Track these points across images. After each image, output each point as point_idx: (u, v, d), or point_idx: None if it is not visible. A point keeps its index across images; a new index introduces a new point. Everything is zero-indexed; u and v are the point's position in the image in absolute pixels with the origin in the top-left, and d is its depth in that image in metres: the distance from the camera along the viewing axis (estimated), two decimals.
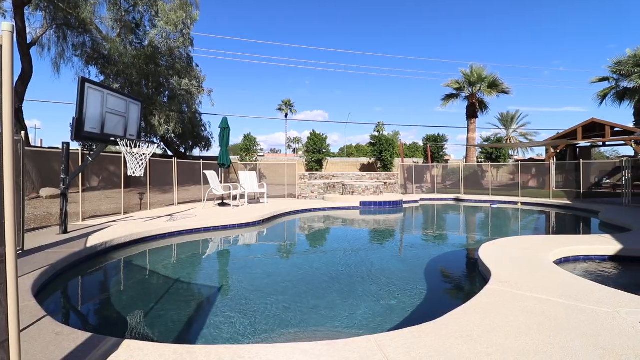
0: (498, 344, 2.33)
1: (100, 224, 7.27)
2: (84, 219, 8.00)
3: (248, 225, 8.49)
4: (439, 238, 8.18)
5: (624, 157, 15.73)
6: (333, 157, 39.24)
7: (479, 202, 15.59)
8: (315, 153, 25.59)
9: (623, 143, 16.64)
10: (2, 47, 1.34)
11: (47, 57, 15.44)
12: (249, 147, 27.46)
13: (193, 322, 3.32)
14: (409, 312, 3.54)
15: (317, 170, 24.75)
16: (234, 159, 21.60)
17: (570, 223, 10.85)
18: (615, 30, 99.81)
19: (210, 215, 8.95)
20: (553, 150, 17.95)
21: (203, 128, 23.21)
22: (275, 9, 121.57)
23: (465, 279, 5.09)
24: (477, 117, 24.43)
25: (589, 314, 2.80)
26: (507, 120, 37.11)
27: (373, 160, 29.80)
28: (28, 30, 13.25)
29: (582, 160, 14.55)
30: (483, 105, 25.05)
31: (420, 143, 36.34)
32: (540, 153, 35.88)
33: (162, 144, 22.48)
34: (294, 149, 52.30)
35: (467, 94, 24.47)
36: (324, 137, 26.22)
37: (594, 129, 16.76)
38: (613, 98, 21.03)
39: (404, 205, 13.98)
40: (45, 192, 12.30)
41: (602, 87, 21.50)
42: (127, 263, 5.51)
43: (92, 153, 7.09)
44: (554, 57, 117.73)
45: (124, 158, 7.25)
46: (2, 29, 1.34)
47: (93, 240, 5.60)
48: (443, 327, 2.59)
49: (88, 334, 2.46)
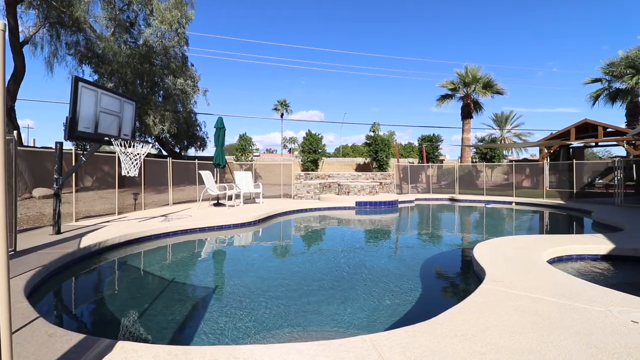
0: (492, 343, 2.34)
1: (94, 225, 7.20)
2: (78, 220, 7.92)
3: (243, 226, 8.46)
4: (434, 238, 8.22)
5: (616, 157, 15.91)
6: (329, 157, 39.21)
7: (474, 202, 15.69)
8: (311, 153, 25.61)
9: (615, 143, 16.83)
10: None
11: (40, 55, 15.22)
12: (245, 147, 27.39)
13: (187, 322, 3.30)
14: (404, 311, 3.55)
15: (312, 170, 24.77)
16: (230, 159, 21.50)
17: (564, 223, 10.95)
18: (609, 32, 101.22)
19: (206, 216, 8.91)
20: (547, 151, 18.12)
21: (198, 128, 23.08)
22: (272, 9, 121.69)
23: (460, 279, 5.12)
24: (471, 117, 24.61)
25: (582, 313, 2.83)
26: (501, 121, 37.43)
27: (368, 160, 29.89)
28: (21, 29, 13.10)
29: (575, 161, 14.70)
30: (478, 106, 25.25)
31: (416, 143, 36.53)
32: (534, 153, 36.24)
33: (156, 144, 22.33)
34: (290, 149, 52.24)
35: (462, 95, 24.63)
36: (320, 137, 26.25)
37: (587, 130, 16.96)
38: (605, 99, 21.23)
39: (399, 205, 14.03)
40: (38, 192, 12.17)
41: (594, 88, 21.71)
42: (121, 264, 5.46)
43: (85, 153, 7.03)
44: (548, 58, 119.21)
45: (118, 158, 7.19)
46: None
47: (87, 241, 5.54)
48: (438, 326, 2.61)
49: (81, 336, 2.43)
